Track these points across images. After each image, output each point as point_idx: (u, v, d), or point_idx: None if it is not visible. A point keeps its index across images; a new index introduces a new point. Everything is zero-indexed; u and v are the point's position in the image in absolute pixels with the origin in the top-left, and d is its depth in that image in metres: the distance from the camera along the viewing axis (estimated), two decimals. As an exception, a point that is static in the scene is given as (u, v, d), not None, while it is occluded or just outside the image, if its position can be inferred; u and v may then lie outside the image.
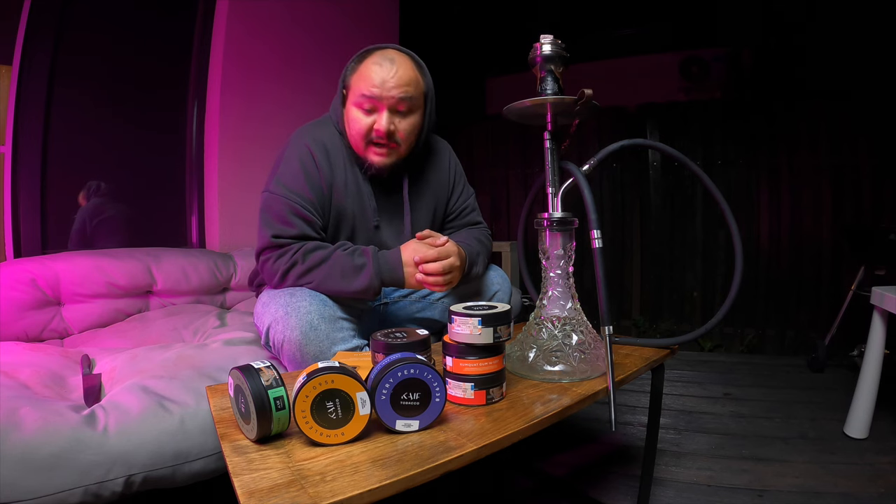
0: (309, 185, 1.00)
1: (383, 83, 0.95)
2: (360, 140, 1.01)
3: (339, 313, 0.94)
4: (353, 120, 1.00)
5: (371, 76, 0.96)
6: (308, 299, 0.92)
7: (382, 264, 0.98)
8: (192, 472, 0.79)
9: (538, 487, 1.26)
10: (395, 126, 0.99)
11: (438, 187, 1.16)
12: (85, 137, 1.72)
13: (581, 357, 0.81)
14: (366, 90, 0.96)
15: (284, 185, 1.00)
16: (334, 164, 1.03)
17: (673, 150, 0.94)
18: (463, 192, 1.21)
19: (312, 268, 0.96)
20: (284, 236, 0.98)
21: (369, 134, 0.99)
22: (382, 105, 0.97)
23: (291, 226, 0.99)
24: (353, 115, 1.00)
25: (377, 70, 0.96)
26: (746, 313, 2.48)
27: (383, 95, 0.96)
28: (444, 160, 1.18)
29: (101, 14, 1.75)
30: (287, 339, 0.90)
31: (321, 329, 0.89)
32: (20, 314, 1.25)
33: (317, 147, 1.02)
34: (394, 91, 0.96)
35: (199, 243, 2.03)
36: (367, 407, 0.57)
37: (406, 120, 1.00)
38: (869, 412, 1.43)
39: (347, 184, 1.04)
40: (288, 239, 0.98)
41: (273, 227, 0.98)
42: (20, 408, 0.73)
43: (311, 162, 1.01)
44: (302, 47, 2.23)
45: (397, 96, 0.96)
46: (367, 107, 0.98)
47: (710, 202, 2.56)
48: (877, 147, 2.25)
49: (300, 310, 0.90)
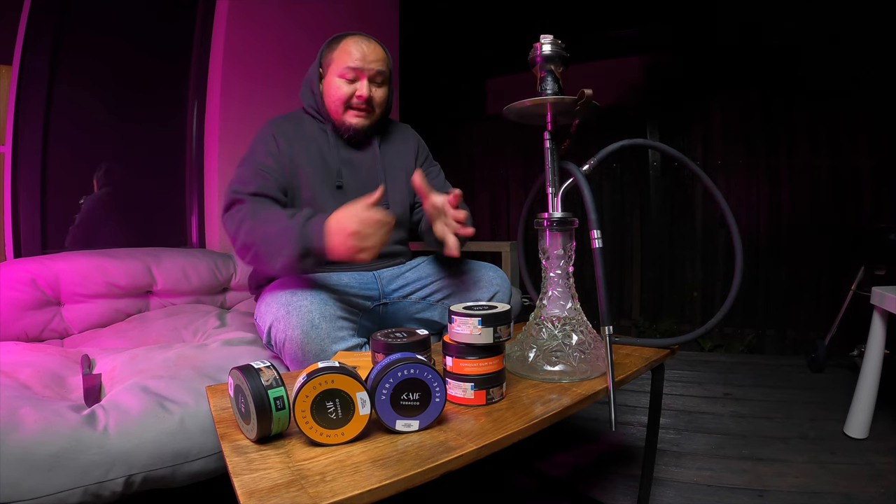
0: (268, 153, 1.12)
1: (364, 56, 1.12)
2: (339, 105, 1.14)
3: (339, 312, 0.96)
4: (335, 87, 1.14)
5: (353, 51, 1.12)
6: (309, 298, 0.93)
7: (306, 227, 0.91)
8: (192, 473, 0.78)
9: (538, 487, 1.26)
10: (373, 93, 1.15)
11: (406, 150, 1.29)
12: (85, 137, 1.72)
13: (581, 357, 0.81)
14: (350, 62, 1.12)
15: (249, 156, 1.13)
16: (294, 139, 1.15)
17: (673, 150, 0.94)
18: (428, 159, 1.34)
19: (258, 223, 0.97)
20: (242, 192, 1.05)
21: (350, 99, 1.14)
22: (363, 75, 1.13)
23: (249, 183, 1.07)
24: (335, 84, 1.14)
25: (357, 47, 1.12)
26: (746, 313, 2.48)
27: (364, 67, 1.12)
28: (410, 135, 1.34)
29: (101, 14, 1.75)
30: (289, 337, 0.90)
31: (322, 327, 0.90)
32: (20, 314, 1.25)
33: (275, 126, 1.16)
34: (373, 64, 1.13)
35: (199, 243, 2.03)
36: (367, 407, 0.57)
37: (381, 89, 1.17)
38: (869, 412, 1.43)
39: (310, 152, 1.15)
40: (245, 195, 1.05)
41: (233, 185, 1.07)
42: (20, 408, 0.73)
43: (270, 138, 1.14)
44: (302, 48, 2.22)
45: (376, 68, 1.13)
46: (350, 77, 1.13)
47: (710, 202, 2.57)
48: (877, 147, 2.25)
49: (301, 308, 0.91)
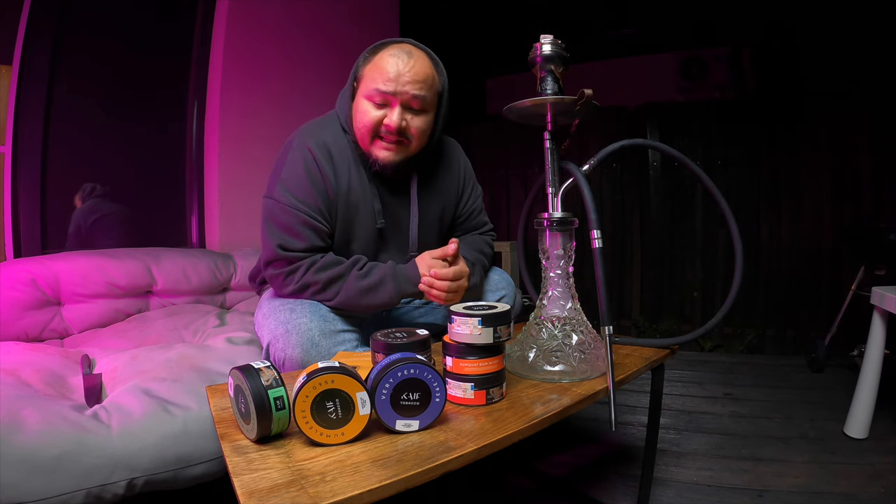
0: (315, 191, 0.95)
1: (398, 76, 0.91)
2: (366, 134, 0.95)
3: (339, 326, 0.93)
4: (361, 112, 0.95)
5: (386, 68, 0.91)
6: (308, 315, 0.91)
7: (402, 281, 0.97)
8: (194, 476, 0.79)
9: (538, 487, 1.26)
10: (407, 123, 0.94)
11: (448, 190, 1.11)
12: (85, 137, 1.72)
13: (581, 357, 0.81)
14: (380, 82, 0.91)
15: (289, 192, 0.94)
16: (338, 167, 0.98)
17: (673, 150, 0.94)
18: (472, 194, 1.17)
19: (327, 286, 0.94)
20: (292, 249, 0.94)
21: (377, 128, 0.94)
22: (395, 100, 0.92)
23: (299, 237, 0.94)
24: (362, 108, 0.94)
25: (393, 62, 0.91)
26: (746, 313, 2.48)
27: (397, 90, 0.91)
28: (455, 161, 1.13)
29: (101, 14, 1.75)
30: (288, 357, 0.88)
31: (322, 345, 0.88)
32: (20, 314, 1.25)
33: (319, 150, 0.97)
34: (408, 86, 0.91)
35: (199, 243, 2.03)
36: (367, 407, 0.57)
37: (419, 117, 0.95)
38: (869, 412, 1.43)
39: (352, 186, 0.99)
40: (297, 252, 0.94)
41: (280, 238, 0.94)
42: (22, 409, 0.74)
43: (314, 166, 0.96)
44: (302, 47, 2.23)
45: (412, 92, 0.92)
46: (379, 100, 0.93)
47: (710, 202, 2.56)
48: (877, 147, 2.25)
49: (300, 327, 0.89)
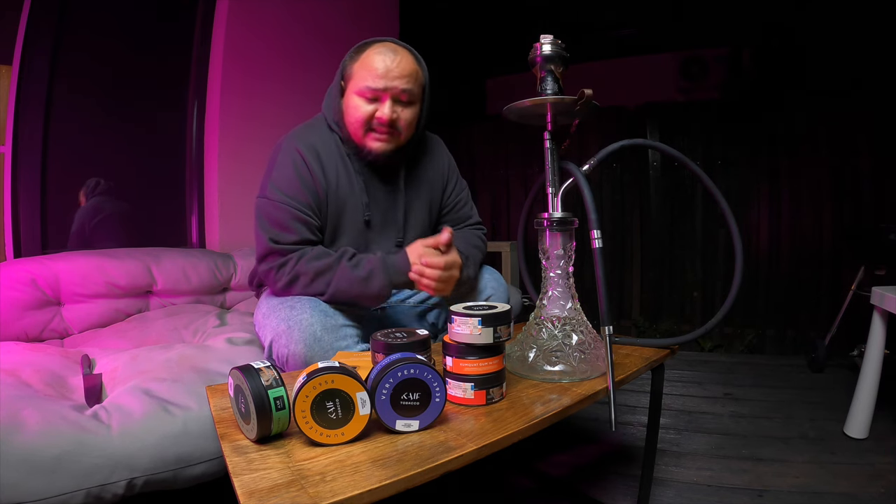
0: (305, 189, 1.01)
1: (387, 72, 0.96)
2: (359, 127, 1.01)
3: (341, 321, 0.94)
4: (353, 108, 1.00)
5: (375, 65, 0.97)
6: (309, 311, 0.92)
7: (392, 271, 0.98)
8: (194, 476, 0.78)
9: (538, 487, 1.26)
10: (398, 114, 1.00)
11: (434, 180, 1.17)
12: (85, 137, 1.72)
13: (581, 357, 0.81)
14: (370, 79, 0.97)
15: (280, 190, 1.00)
16: (326, 165, 1.04)
17: (673, 150, 0.94)
18: (457, 185, 1.22)
19: (317, 277, 0.97)
20: (284, 242, 0.98)
21: (370, 121, 1.00)
22: (386, 94, 0.98)
23: (290, 231, 0.99)
24: (353, 103, 1.00)
25: (381, 59, 0.97)
26: (746, 313, 2.48)
27: (388, 85, 0.97)
28: (439, 154, 1.19)
29: (101, 14, 1.74)
30: (291, 352, 0.89)
31: (325, 340, 0.89)
32: (20, 314, 1.25)
33: (307, 151, 1.02)
34: (397, 81, 0.97)
35: (199, 243, 2.03)
36: (367, 407, 0.57)
37: (407, 109, 1.01)
38: (869, 412, 1.43)
39: (339, 182, 1.05)
40: (288, 245, 0.98)
41: (271, 232, 0.99)
42: (23, 409, 0.73)
43: (304, 166, 1.02)
44: (302, 47, 2.23)
45: (400, 87, 0.98)
46: (371, 96, 0.98)
47: (710, 202, 2.56)
48: (877, 147, 2.25)
49: (302, 322, 0.90)
